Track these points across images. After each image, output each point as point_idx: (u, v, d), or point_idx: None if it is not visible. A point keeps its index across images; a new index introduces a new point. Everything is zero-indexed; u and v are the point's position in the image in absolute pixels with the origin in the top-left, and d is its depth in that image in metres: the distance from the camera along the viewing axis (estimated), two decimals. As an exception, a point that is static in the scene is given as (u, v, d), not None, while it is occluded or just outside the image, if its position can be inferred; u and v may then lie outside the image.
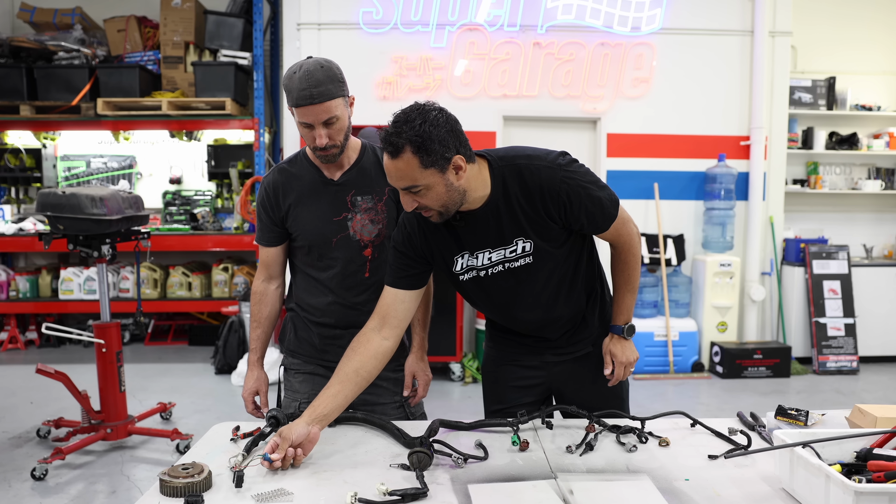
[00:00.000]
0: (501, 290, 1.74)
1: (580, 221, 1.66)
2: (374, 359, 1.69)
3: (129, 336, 6.15)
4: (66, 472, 3.35)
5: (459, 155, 1.53)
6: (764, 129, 5.54)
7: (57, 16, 6.01)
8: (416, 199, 1.55)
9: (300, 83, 1.72)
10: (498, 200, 1.64)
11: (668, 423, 1.78)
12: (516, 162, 1.64)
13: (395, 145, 1.47)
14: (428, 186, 1.52)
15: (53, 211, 3.35)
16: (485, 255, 1.69)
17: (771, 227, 5.72)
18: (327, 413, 1.60)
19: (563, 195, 1.61)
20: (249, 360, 2.05)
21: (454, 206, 1.58)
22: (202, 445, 1.67)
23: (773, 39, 5.56)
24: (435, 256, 1.74)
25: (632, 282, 1.81)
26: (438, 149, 1.48)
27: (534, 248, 1.67)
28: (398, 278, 1.73)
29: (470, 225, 1.67)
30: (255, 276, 2.06)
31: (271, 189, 1.95)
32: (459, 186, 1.55)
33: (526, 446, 1.61)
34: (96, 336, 3.54)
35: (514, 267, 1.69)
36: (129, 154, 6.36)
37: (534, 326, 1.83)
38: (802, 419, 1.72)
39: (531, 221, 1.65)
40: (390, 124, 1.50)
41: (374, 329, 1.72)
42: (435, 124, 1.47)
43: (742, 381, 5.19)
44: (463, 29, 5.40)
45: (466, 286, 1.76)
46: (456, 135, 1.52)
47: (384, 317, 1.72)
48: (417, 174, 1.49)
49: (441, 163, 1.50)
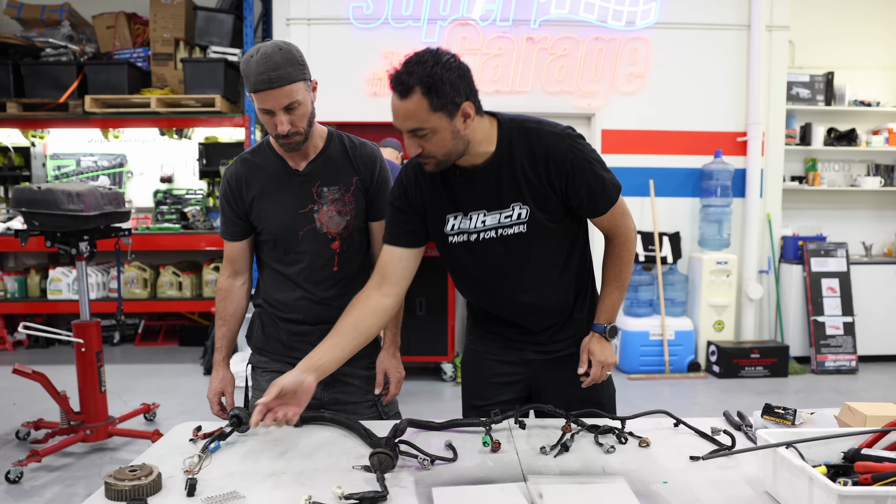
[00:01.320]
0: (490, 260, 1.68)
1: (580, 196, 1.62)
2: (374, 314, 1.65)
3: (120, 337, 6.09)
4: (44, 475, 3.27)
5: (469, 102, 1.50)
6: (761, 125, 5.46)
7: (45, 12, 5.95)
8: (420, 144, 1.50)
9: (258, 67, 1.63)
10: (501, 160, 1.59)
11: (650, 422, 1.70)
12: (526, 125, 1.61)
13: (405, 85, 1.44)
14: (434, 130, 1.48)
15: (28, 207, 3.28)
16: (479, 217, 1.64)
17: (768, 224, 5.64)
18: (323, 364, 1.54)
19: (568, 164, 1.58)
20: (215, 360, 1.96)
21: (455, 156, 1.55)
22: (160, 446, 1.60)
23: (771, 34, 5.48)
24: (428, 213, 1.68)
25: (622, 278, 1.74)
26: (449, 92, 1.44)
27: (529, 217, 1.62)
28: (395, 235, 1.69)
29: (468, 182, 1.62)
30: (220, 273, 1.98)
31: (234, 181, 1.86)
32: (465, 135, 1.52)
33: (497, 447, 1.54)
34: (75, 335, 3.47)
35: (507, 235, 1.64)
36: (119, 152, 6.29)
37: (516, 311, 1.76)
38: (790, 418, 1.65)
39: (531, 187, 1.60)
40: (401, 65, 1.46)
41: (373, 287, 1.68)
42: (447, 67, 1.44)
43: (739, 381, 5.11)
44: (455, 24, 5.33)
45: (455, 250, 1.69)
46: (467, 81, 1.49)
47: (383, 275, 1.68)
48: (425, 116, 1.46)
49: (450, 107, 1.46)
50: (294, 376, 1.47)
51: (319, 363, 1.54)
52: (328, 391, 1.92)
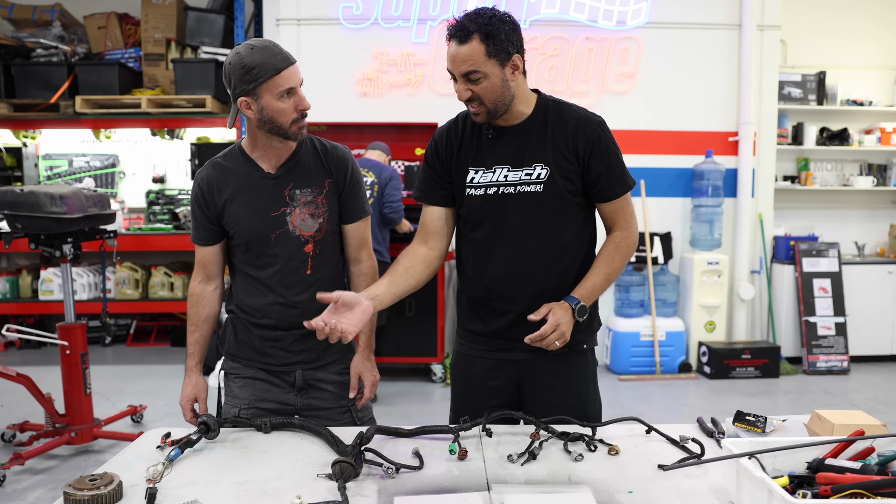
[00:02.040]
0: (501, 215, 1.74)
1: (598, 171, 1.71)
2: (423, 262, 1.79)
3: (111, 337, 6.09)
4: (27, 478, 3.27)
5: (519, 55, 1.65)
6: (753, 125, 5.44)
7: (36, 12, 5.93)
8: (471, 88, 1.62)
9: (269, 52, 1.69)
10: (535, 122, 1.72)
11: (622, 429, 1.69)
12: (562, 101, 1.78)
13: (466, 29, 1.59)
14: (486, 76, 1.61)
15: (11, 209, 3.27)
16: (502, 171, 1.74)
17: (760, 224, 5.63)
18: (380, 294, 1.65)
19: (595, 136, 1.70)
20: (187, 366, 1.95)
21: (503, 107, 1.66)
22: (127, 453, 1.58)
23: (762, 33, 5.46)
24: (453, 166, 1.79)
25: (612, 265, 1.76)
26: (503, 41, 1.60)
27: (548, 178, 1.71)
28: (428, 193, 1.84)
29: (499, 139, 1.74)
30: (192, 278, 1.97)
31: (205, 185, 1.85)
32: (512, 87, 1.65)
33: (464, 455, 1.53)
34: (60, 338, 3.47)
35: (524, 192, 1.72)
36: (111, 153, 6.29)
37: (512, 279, 1.76)
38: (760, 426, 1.64)
39: (556, 151, 1.70)
40: (461, 16, 1.62)
41: (419, 242, 1.83)
42: (503, 20, 1.61)
43: (730, 382, 5.10)
44: (445, 23, 5.29)
45: (472, 202, 1.77)
46: (519, 37, 1.66)
47: (427, 232, 1.84)
48: (481, 61, 1.59)
49: (503, 56, 1.61)
50: (354, 294, 1.57)
51: (377, 293, 1.65)
52: (301, 397, 1.91)
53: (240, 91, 1.71)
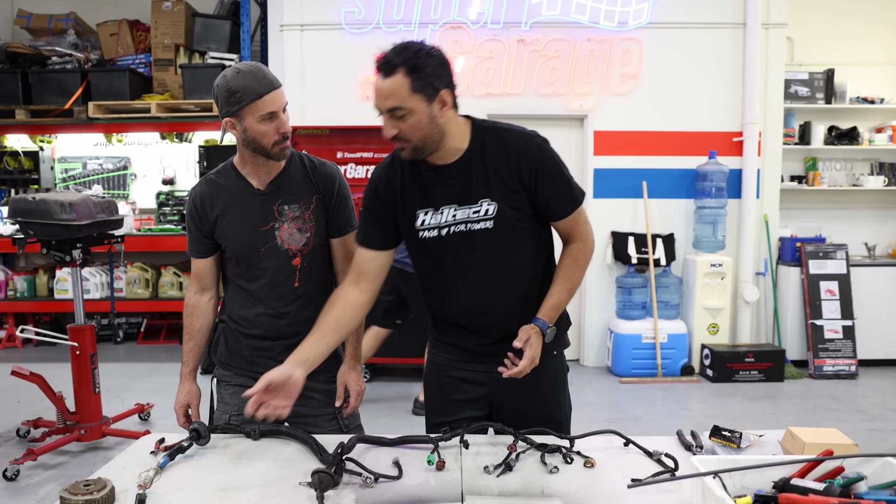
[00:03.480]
0: (457, 254, 1.73)
1: (546, 195, 1.69)
2: (354, 309, 1.75)
3: (123, 335, 6.26)
4: (39, 473, 3.39)
5: (447, 91, 1.59)
6: (758, 125, 5.41)
7: (52, 21, 6.10)
8: (397, 125, 1.58)
9: (254, 76, 1.75)
10: (473, 157, 1.68)
11: (601, 441, 1.70)
12: (497, 126, 1.73)
13: (390, 64, 1.54)
14: (412, 112, 1.56)
15: (24, 217, 3.39)
16: (450, 211, 1.71)
17: (765, 225, 5.59)
18: (310, 357, 1.64)
19: (538, 161, 1.66)
20: (182, 373, 2.04)
21: (431, 145, 1.62)
22: (122, 458, 1.65)
23: (767, 31, 5.42)
24: (399, 210, 1.75)
25: (573, 279, 1.76)
26: (430, 76, 1.55)
27: (497, 213, 1.68)
28: (367, 237, 1.79)
29: (440, 178, 1.69)
30: (188, 289, 2.05)
31: (198, 200, 1.94)
32: (441, 123, 1.60)
33: (442, 466, 1.55)
34: (71, 339, 3.59)
35: (475, 230, 1.69)
36: (123, 155, 6.45)
37: (478, 311, 1.78)
38: (736, 441, 1.65)
39: (501, 184, 1.67)
40: (389, 49, 1.57)
41: (351, 283, 1.78)
42: (430, 55, 1.56)
43: (733, 386, 5.08)
44: (446, 27, 5.36)
45: (425, 244, 1.75)
46: (448, 71, 1.60)
47: (360, 272, 1.78)
48: (405, 96, 1.54)
49: (429, 91, 1.56)
50: (282, 370, 1.56)
51: (306, 357, 1.64)
52: None
53: (225, 112, 1.79)
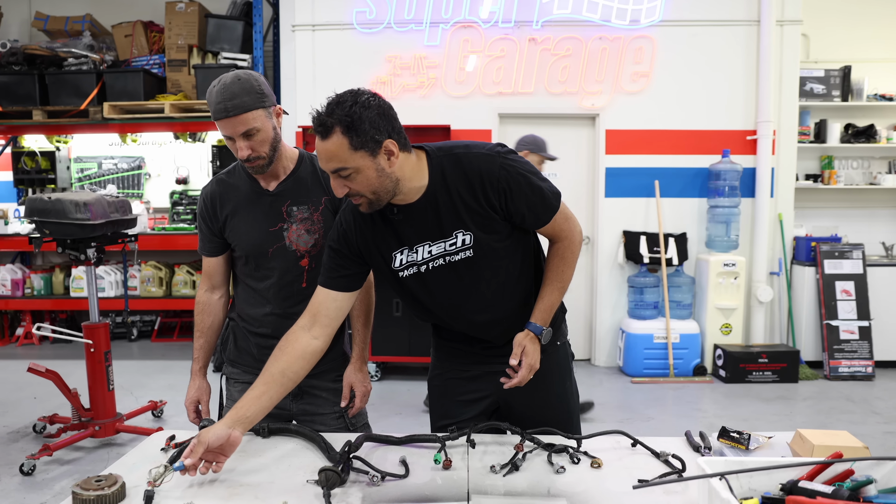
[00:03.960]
0: (443, 287, 1.68)
1: (521, 212, 1.62)
2: (302, 359, 1.65)
3: (137, 333, 6.33)
4: (55, 468, 3.45)
5: (391, 140, 1.50)
6: (772, 123, 5.35)
7: (68, 23, 6.18)
8: (346, 184, 1.51)
9: (217, 97, 1.73)
10: (436, 191, 1.60)
11: (608, 441, 1.69)
12: (454, 151, 1.62)
13: (325, 125, 1.45)
14: (357, 170, 1.48)
15: (40, 216, 3.44)
16: (424, 248, 1.65)
17: (780, 225, 5.53)
18: (250, 415, 1.56)
19: (504, 182, 1.58)
20: (192, 370, 2.06)
21: (386, 195, 1.55)
22: (133, 455, 1.67)
23: (782, 28, 5.35)
24: (372, 254, 1.69)
25: (563, 279, 1.73)
26: (369, 130, 1.45)
27: (474, 241, 1.62)
28: (331, 278, 1.70)
29: (408, 218, 1.63)
30: (199, 287, 2.08)
31: (209, 200, 1.97)
32: (392, 173, 1.52)
33: (449, 465, 1.55)
34: (85, 336, 3.63)
35: (455, 261, 1.64)
36: (137, 155, 6.52)
37: (478, 329, 1.77)
38: (744, 442, 1.63)
39: (471, 212, 1.60)
40: (323, 108, 1.48)
41: (303, 328, 1.68)
42: (366, 106, 1.45)
43: (746, 386, 5.03)
44: (457, 26, 5.35)
45: (408, 283, 1.70)
46: (388, 119, 1.50)
47: (314, 315, 1.68)
48: (347, 156, 1.46)
49: (371, 145, 1.47)
50: (219, 432, 1.48)
51: (246, 415, 1.55)
52: (297, 402, 2.00)
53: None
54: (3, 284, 6.13)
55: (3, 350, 6.09)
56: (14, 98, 5.87)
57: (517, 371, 1.66)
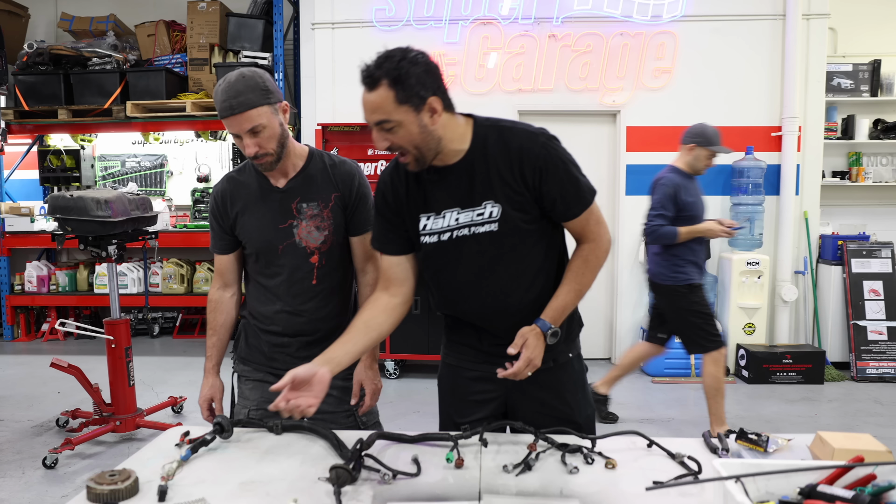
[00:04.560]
0: (462, 259, 1.67)
1: (552, 197, 1.62)
2: (384, 312, 1.72)
3: (159, 329, 6.40)
4: (77, 462, 3.50)
5: (436, 97, 1.52)
6: (797, 119, 5.26)
7: (93, 23, 6.27)
8: (387, 137, 1.53)
9: (222, 95, 1.74)
10: (475, 158, 1.62)
11: (623, 441, 1.66)
12: (500, 124, 1.65)
13: (373, 77, 1.48)
14: (400, 124, 1.50)
15: (62, 213, 3.49)
16: (452, 214, 1.66)
17: (805, 223, 5.43)
18: (337, 357, 1.61)
19: (541, 161, 1.59)
20: (205, 368, 2.07)
21: (430, 152, 1.57)
22: (147, 450, 1.68)
23: (808, 22, 5.25)
24: (405, 216, 1.72)
25: (583, 282, 1.69)
26: (415, 86, 1.48)
27: (501, 215, 1.62)
28: (382, 243, 1.76)
29: (442, 180, 1.64)
30: (211, 285, 2.09)
31: (220, 197, 1.97)
32: (434, 131, 1.54)
33: (461, 464, 1.54)
34: (106, 332, 3.67)
35: (479, 233, 1.64)
36: (160, 153, 6.59)
37: (488, 314, 1.74)
38: (762, 445, 1.59)
39: (504, 185, 1.61)
40: (372, 61, 1.51)
41: (381, 290, 1.76)
42: (414, 62, 1.48)
43: (769, 387, 4.95)
44: (477, 23, 5.33)
45: (429, 251, 1.71)
46: (434, 77, 1.52)
47: (387, 279, 1.76)
48: (391, 109, 1.49)
49: (416, 101, 1.49)
50: (308, 367, 1.54)
51: (334, 357, 1.61)
52: None
53: None
54: (29, 281, 6.24)
55: (29, 345, 6.20)
56: (40, 98, 5.97)
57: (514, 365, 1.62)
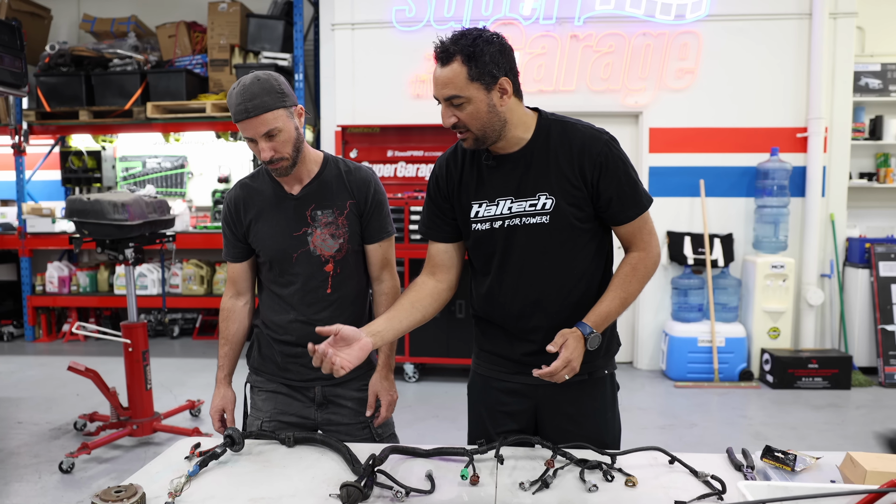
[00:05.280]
0: (510, 249, 1.67)
1: (609, 195, 1.61)
2: (430, 296, 1.73)
3: (179, 330, 6.43)
4: (93, 467, 3.49)
5: (507, 78, 1.54)
6: (824, 120, 5.14)
7: (114, 25, 6.31)
8: (455, 113, 1.54)
9: (236, 99, 1.71)
10: (535, 148, 1.62)
11: (645, 457, 1.62)
12: (566, 119, 1.66)
13: (448, 52, 1.50)
14: (470, 100, 1.52)
15: (79, 217, 3.50)
16: (505, 203, 1.66)
17: (831, 225, 5.31)
18: (381, 330, 1.61)
19: (602, 157, 1.59)
20: (217, 378, 2.03)
21: (493, 133, 1.57)
22: (156, 463, 1.65)
23: (835, 21, 5.13)
24: (456, 201, 1.72)
25: (629, 289, 1.64)
26: (488, 63, 1.50)
27: (554, 208, 1.62)
28: (431, 229, 1.78)
29: (500, 167, 1.65)
30: (224, 293, 2.05)
31: (233, 204, 1.94)
32: (501, 112, 1.55)
33: (476, 480, 1.50)
34: (123, 336, 3.67)
35: (530, 224, 1.64)
36: (180, 154, 6.62)
37: (527, 312, 1.70)
38: (790, 464, 1.51)
39: (562, 178, 1.61)
40: (447, 37, 1.54)
41: (427, 274, 1.77)
42: (489, 42, 1.51)
43: (794, 392, 4.85)
44: (498, 23, 5.27)
45: (478, 237, 1.71)
46: (508, 58, 1.55)
47: (434, 265, 1.78)
48: (463, 84, 1.51)
49: (487, 79, 1.51)
50: (354, 330, 1.53)
51: (378, 329, 1.60)
52: (321, 412, 1.96)
53: None
54: (50, 282, 6.30)
55: (50, 346, 6.26)
56: (62, 99, 6.02)
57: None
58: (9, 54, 3.74)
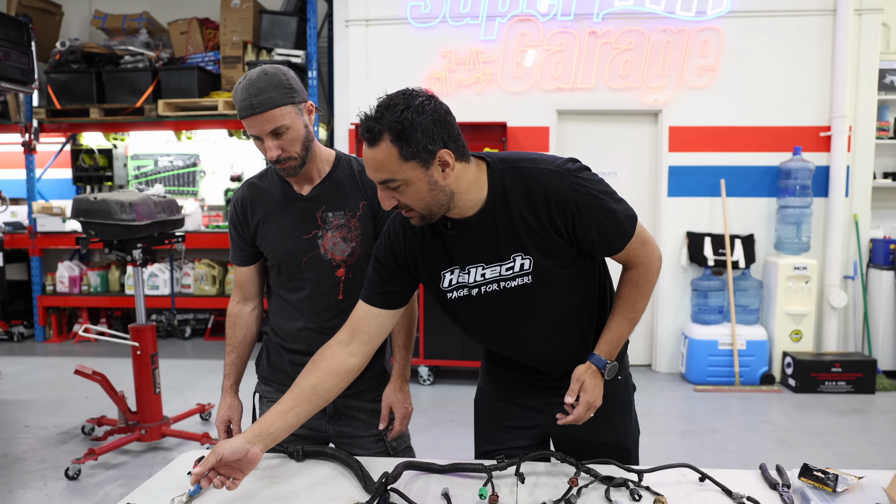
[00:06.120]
0: (495, 313, 1.52)
1: (590, 238, 1.45)
2: (336, 376, 1.51)
3: (191, 331, 6.38)
4: (101, 473, 3.41)
5: (447, 150, 1.34)
6: (847, 118, 5.01)
7: (126, 21, 6.25)
8: (394, 196, 1.37)
9: (242, 94, 1.60)
10: (495, 208, 1.44)
11: (673, 474, 1.53)
12: (518, 165, 1.45)
13: (373, 132, 1.30)
14: (407, 182, 1.34)
15: (86, 217, 3.43)
16: (477, 270, 1.49)
17: (855, 226, 5.18)
18: (273, 432, 1.42)
19: (572, 204, 1.40)
20: (223, 387, 1.94)
21: (439, 209, 1.40)
22: (158, 479, 1.58)
23: (860, 18, 5.00)
24: (420, 270, 1.54)
25: (635, 309, 1.55)
26: (421, 139, 1.30)
27: (533, 267, 1.46)
28: (374, 294, 1.55)
29: (462, 234, 1.48)
30: (231, 298, 1.95)
31: (240, 206, 1.84)
32: (446, 186, 1.37)
33: (495, 500, 1.41)
34: (132, 338, 3.60)
35: (511, 287, 1.48)
36: (193, 152, 6.57)
37: (532, 358, 1.62)
38: (830, 484, 1.42)
39: (533, 235, 1.44)
40: (372, 110, 1.33)
41: (340, 343, 1.54)
42: (420, 111, 1.29)
43: (817, 397, 4.73)
44: (514, 20, 5.18)
45: (456, 306, 1.55)
46: (444, 126, 1.34)
47: (354, 330, 1.55)
48: (396, 166, 1.32)
49: (423, 156, 1.31)
50: (236, 445, 1.35)
51: (269, 431, 1.41)
52: (333, 424, 1.87)
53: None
54: (60, 281, 6.27)
55: (60, 347, 6.22)
56: (72, 96, 5.97)
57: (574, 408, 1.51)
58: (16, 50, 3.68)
